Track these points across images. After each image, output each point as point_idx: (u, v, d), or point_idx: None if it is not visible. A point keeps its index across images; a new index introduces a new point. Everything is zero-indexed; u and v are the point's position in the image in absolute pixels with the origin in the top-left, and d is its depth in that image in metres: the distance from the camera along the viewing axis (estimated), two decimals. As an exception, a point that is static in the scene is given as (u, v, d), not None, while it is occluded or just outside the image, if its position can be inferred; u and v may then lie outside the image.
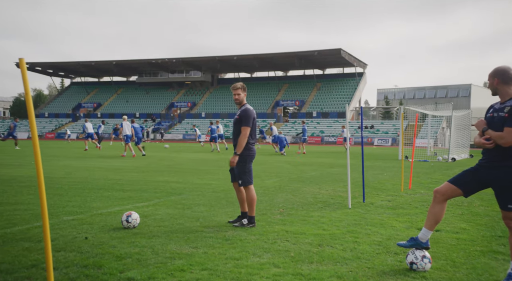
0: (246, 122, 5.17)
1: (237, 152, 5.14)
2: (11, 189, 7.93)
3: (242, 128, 5.16)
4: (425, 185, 9.63)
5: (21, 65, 2.59)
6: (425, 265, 3.61)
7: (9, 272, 3.42)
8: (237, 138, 5.23)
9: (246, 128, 5.16)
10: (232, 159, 5.16)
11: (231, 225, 5.22)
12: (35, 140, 2.67)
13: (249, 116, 5.20)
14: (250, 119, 5.20)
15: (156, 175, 10.90)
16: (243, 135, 5.15)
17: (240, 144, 5.14)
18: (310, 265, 3.73)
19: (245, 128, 5.16)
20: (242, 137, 5.14)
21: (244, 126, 5.16)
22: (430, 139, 25.26)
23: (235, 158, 5.15)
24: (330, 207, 6.58)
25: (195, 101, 62.67)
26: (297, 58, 54.59)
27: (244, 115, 5.20)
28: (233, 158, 5.15)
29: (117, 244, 4.25)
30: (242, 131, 5.16)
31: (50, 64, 65.21)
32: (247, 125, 5.17)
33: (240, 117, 5.23)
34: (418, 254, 3.65)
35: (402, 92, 72.22)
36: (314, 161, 17.33)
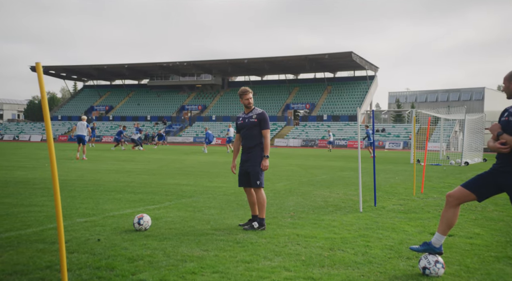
0: (267, 124, 5.34)
1: (267, 154, 5.29)
2: (25, 191, 8.04)
3: (265, 131, 5.32)
4: (438, 189, 9.52)
5: (37, 69, 2.63)
6: (438, 270, 3.57)
7: (24, 273, 3.47)
8: (249, 141, 5.31)
9: (268, 131, 5.35)
10: (264, 163, 5.27)
11: (242, 228, 5.22)
12: (50, 143, 2.72)
13: (268, 119, 5.38)
14: (268, 121, 5.39)
15: (167, 177, 10.97)
16: (267, 138, 5.33)
17: (267, 146, 5.31)
18: (321, 269, 3.71)
19: (268, 130, 5.34)
20: (267, 140, 5.32)
21: (266, 129, 5.33)
22: (442, 143, 24.99)
23: (266, 161, 5.28)
24: (341, 211, 6.55)
25: (205, 104, 62.94)
26: (307, 61, 54.51)
27: (263, 119, 5.33)
28: (265, 162, 5.28)
29: (129, 246, 4.29)
30: (266, 134, 5.32)
31: (63, 67, 66.13)
32: (268, 127, 5.36)
33: (259, 120, 5.33)
34: (431, 259, 3.61)
35: (414, 95, 71.59)
36: (324, 164, 17.26)
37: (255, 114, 5.36)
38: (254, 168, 5.26)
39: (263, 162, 5.26)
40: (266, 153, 5.28)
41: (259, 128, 5.32)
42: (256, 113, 5.36)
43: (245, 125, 5.38)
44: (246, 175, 5.36)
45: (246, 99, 5.38)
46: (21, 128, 63.42)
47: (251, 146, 5.32)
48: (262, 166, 5.26)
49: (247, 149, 5.35)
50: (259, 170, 5.26)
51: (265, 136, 5.31)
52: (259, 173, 5.26)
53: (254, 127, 5.31)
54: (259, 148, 5.31)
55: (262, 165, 5.26)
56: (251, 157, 5.32)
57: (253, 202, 5.39)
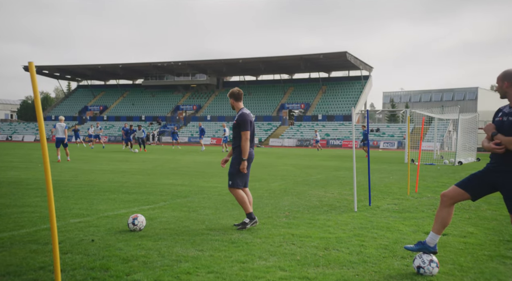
0: (244, 126, 5.24)
1: (244, 157, 5.21)
2: (18, 191, 7.98)
3: (242, 133, 5.24)
4: (432, 188, 9.57)
5: (30, 69, 2.61)
6: (433, 269, 3.59)
7: (17, 274, 3.44)
8: (234, 142, 5.33)
9: (246, 133, 5.24)
10: (242, 166, 5.20)
11: (236, 228, 5.22)
12: (43, 143, 2.69)
13: (246, 121, 5.26)
14: (247, 123, 5.26)
15: (162, 177, 10.93)
16: (245, 140, 5.22)
17: (244, 149, 5.21)
18: (316, 269, 3.72)
19: (245, 132, 5.23)
20: (244, 142, 5.22)
21: (243, 130, 5.23)
22: (436, 142, 25.12)
23: (244, 164, 5.21)
24: (336, 211, 6.56)
25: (200, 104, 62.83)
26: (302, 61, 54.59)
27: (241, 120, 5.27)
28: (243, 165, 5.21)
29: (123, 247, 4.27)
30: (243, 136, 5.23)
31: (57, 67, 65.71)
32: (246, 129, 5.24)
33: (238, 122, 5.30)
34: (425, 258, 3.63)
35: (408, 95, 71.93)
36: (319, 164, 17.29)
37: (238, 115, 5.35)
38: (230, 169, 5.30)
39: (241, 165, 5.21)
40: (242, 155, 5.21)
41: (239, 129, 5.28)
42: (238, 115, 5.35)
43: (232, 127, 5.44)
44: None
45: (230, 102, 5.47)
46: (14, 128, 62.96)
47: (234, 147, 5.35)
48: (240, 169, 5.21)
49: (233, 149, 5.38)
50: (234, 171, 5.25)
51: (243, 138, 5.23)
52: (232, 173, 5.25)
53: (235, 128, 5.31)
54: (238, 150, 5.29)
55: (240, 168, 5.21)
56: (232, 158, 5.37)
57: (249, 200, 5.41)
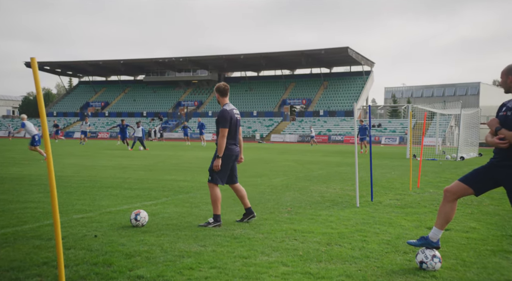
0: (222, 123, 5.15)
1: (219, 154, 5.12)
2: (21, 187, 8.01)
3: (220, 129, 5.15)
4: (434, 184, 9.56)
5: (32, 64, 2.61)
6: (435, 264, 3.59)
7: (20, 269, 3.45)
8: (217, 138, 5.22)
9: (224, 130, 5.14)
10: (216, 163, 5.11)
11: (239, 224, 5.24)
12: (46, 139, 2.69)
13: (225, 117, 5.15)
14: (226, 120, 5.15)
15: (164, 173, 10.94)
16: (221, 137, 5.13)
17: (220, 146, 5.12)
18: (318, 264, 3.72)
19: (222, 129, 5.14)
20: (220, 138, 5.12)
21: (221, 127, 5.14)
22: (438, 138, 25.08)
23: (218, 161, 5.11)
24: (338, 206, 6.57)
25: (201, 100, 62.79)
26: (304, 56, 54.44)
27: (220, 117, 5.17)
28: (217, 162, 5.11)
29: (126, 242, 4.28)
30: (220, 133, 5.14)
31: (58, 63, 65.69)
32: (224, 126, 5.14)
33: (217, 118, 5.22)
34: (428, 253, 3.63)
35: (410, 90, 71.73)
36: (321, 159, 17.29)
37: (219, 111, 5.27)
38: (210, 165, 5.23)
39: (214, 161, 5.14)
40: (218, 152, 5.12)
41: (219, 126, 5.20)
42: (220, 111, 5.26)
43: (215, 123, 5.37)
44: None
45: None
46: (16, 125, 63.06)
47: (216, 143, 5.26)
48: (213, 166, 5.13)
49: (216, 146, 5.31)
50: (210, 167, 5.20)
51: (220, 135, 5.14)
52: (211, 169, 5.19)
53: (216, 125, 5.24)
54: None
55: (213, 165, 5.13)
56: (213, 155, 5.27)
57: (242, 195, 5.40)
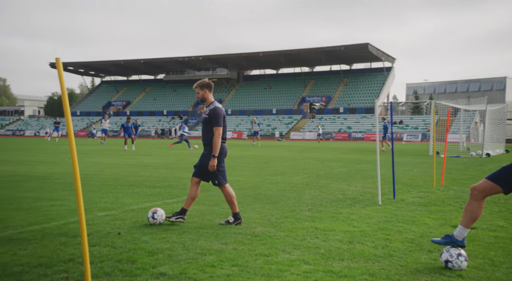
0: (217, 121, 4.97)
1: (215, 154, 4.95)
2: (47, 185, 8.21)
3: (215, 128, 4.97)
4: (459, 181, 9.35)
5: (57, 65, 2.66)
6: (461, 263, 3.51)
7: (48, 265, 3.54)
8: (207, 138, 5.04)
9: (219, 128, 4.97)
10: (211, 163, 4.94)
11: (260, 222, 5.22)
12: (71, 138, 2.75)
13: (220, 115, 5.00)
14: (221, 118, 5.00)
15: (185, 171, 11.04)
16: (217, 136, 4.95)
17: (216, 145, 4.94)
18: (341, 262, 3.69)
19: (217, 128, 4.97)
20: (217, 138, 4.95)
21: (216, 126, 4.97)
22: (462, 134, 24.51)
23: (214, 161, 4.95)
24: (359, 204, 6.49)
25: (221, 98, 63.08)
26: (323, 53, 54.02)
27: (214, 115, 4.99)
28: (213, 162, 4.94)
29: (148, 240, 4.33)
30: (215, 132, 4.96)
31: (81, 63, 67.10)
32: (219, 125, 4.98)
33: (209, 116, 5.01)
34: (453, 252, 3.54)
35: (433, 86, 70.33)
36: (341, 157, 17.13)
37: (209, 109, 5.05)
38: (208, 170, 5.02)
39: (210, 161, 4.95)
40: (213, 152, 4.93)
41: (211, 124, 5.00)
42: (210, 109, 5.04)
43: (201, 121, 5.17)
44: (200, 168, 5.12)
45: (196, 94, 5.15)
46: (42, 124, 64.73)
47: (205, 143, 5.07)
48: (209, 166, 4.95)
49: (204, 146, 5.12)
50: (216, 169, 5.01)
51: (215, 134, 4.94)
52: (215, 172, 5.01)
53: (207, 123, 5.02)
54: (210, 147, 5.00)
55: (209, 165, 4.95)
56: (205, 154, 5.08)
57: (192, 196, 5.12)
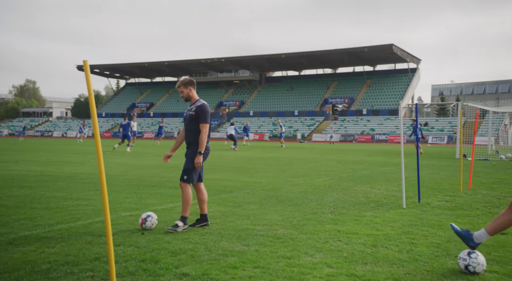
0: (204, 119, 4.90)
1: (201, 151, 4.87)
2: (73, 185, 8.42)
3: (202, 125, 4.89)
4: (487, 185, 9.08)
5: (85, 67, 2.72)
6: (477, 258, 3.42)
7: (75, 264, 3.62)
8: (191, 136, 4.95)
9: (206, 125, 4.90)
10: (197, 160, 4.85)
11: (281, 224, 5.20)
12: (97, 139, 2.81)
13: (207, 112, 4.93)
14: (208, 115, 4.94)
15: (206, 173, 11.12)
16: (204, 133, 4.88)
17: (202, 142, 4.86)
18: (364, 266, 3.63)
19: (205, 125, 4.90)
20: (204, 135, 4.88)
21: (203, 123, 4.90)
22: (491, 137, 23.80)
23: (199, 158, 4.85)
24: (383, 207, 6.39)
25: (243, 100, 63.29)
26: (346, 54, 53.51)
27: (201, 112, 4.91)
28: (198, 159, 4.85)
29: (171, 240, 4.38)
30: (203, 129, 4.89)
31: (107, 66, 68.59)
32: (206, 122, 4.91)
33: (197, 113, 4.91)
34: (463, 255, 3.48)
35: (459, 87, 68.66)
36: (365, 159, 16.90)
37: (195, 106, 4.97)
38: (187, 164, 4.93)
39: (196, 158, 4.85)
40: (199, 148, 4.85)
41: (197, 121, 4.92)
42: (196, 106, 4.96)
43: (185, 119, 5.04)
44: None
45: (180, 93, 5.02)
46: (69, 125, 66.47)
47: (189, 141, 4.96)
48: (194, 163, 4.85)
49: (187, 144, 5.00)
50: (191, 167, 4.90)
51: (201, 130, 4.87)
52: (190, 168, 4.90)
53: (193, 120, 4.93)
54: (197, 145, 4.92)
55: (194, 162, 4.85)
56: (188, 153, 4.97)
57: (202, 199, 5.06)
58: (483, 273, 3.44)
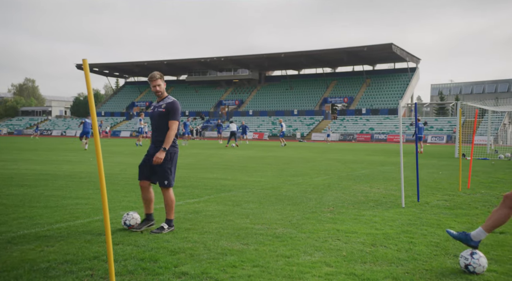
0: (175, 115, 4.80)
1: (166, 147, 4.71)
2: (72, 184, 8.41)
3: (172, 122, 4.77)
4: (486, 184, 9.09)
5: (84, 66, 2.72)
6: (479, 259, 3.41)
7: (74, 262, 3.62)
8: (161, 134, 4.80)
9: (176, 123, 4.80)
10: (159, 155, 4.67)
11: (281, 223, 5.20)
12: (96, 138, 2.80)
13: (178, 109, 4.85)
14: (179, 112, 4.84)
15: (206, 172, 11.12)
16: (174, 130, 4.77)
17: (169, 139, 4.74)
18: (363, 265, 3.63)
19: (175, 122, 4.79)
20: (173, 132, 4.77)
21: (173, 120, 4.78)
22: (490, 136, 23.83)
23: (162, 154, 4.69)
24: (382, 206, 6.39)
25: (242, 99, 63.28)
26: (345, 54, 53.51)
27: (172, 108, 4.80)
28: (160, 154, 4.68)
29: (170, 239, 4.38)
30: (172, 125, 4.77)
31: (106, 65, 68.53)
32: (176, 119, 4.81)
33: (167, 110, 4.79)
34: (465, 254, 3.48)
35: (459, 87, 68.72)
36: (363, 159, 16.91)
37: (165, 103, 4.85)
38: (164, 165, 4.75)
39: (157, 153, 4.68)
40: (165, 144, 4.70)
41: (167, 118, 4.79)
42: (166, 103, 4.84)
43: (153, 116, 4.88)
44: (151, 169, 4.85)
45: (154, 86, 4.84)
46: (68, 124, 66.41)
47: (159, 139, 4.80)
48: (155, 158, 4.68)
49: (157, 142, 4.83)
50: (169, 168, 4.78)
51: (170, 127, 4.75)
52: (167, 171, 4.77)
53: (163, 117, 4.80)
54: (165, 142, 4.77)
55: (155, 157, 4.67)
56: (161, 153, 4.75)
57: (150, 199, 4.90)
58: (475, 270, 3.44)
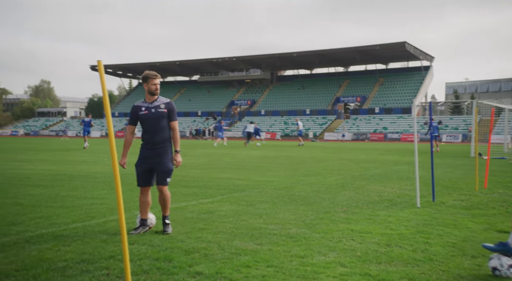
0: (175, 116, 4.79)
1: (178, 149, 4.78)
2: (88, 184, 8.52)
3: (175, 123, 4.76)
4: (504, 184, 8.93)
5: (99, 67, 2.75)
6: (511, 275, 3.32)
7: (90, 262, 3.67)
8: (161, 134, 4.69)
9: (177, 122, 4.81)
10: (178, 158, 4.72)
11: (294, 223, 5.18)
12: (111, 138, 2.83)
13: (176, 109, 4.84)
14: (176, 112, 4.87)
15: (219, 172, 11.15)
16: (178, 131, 4.79)
17: (178, 140, 4.79)
18: (378, 266, 3.60)
19: (177, 122, 4.80)
20: (178, 133, 4.80)
21: (176, 120, 4.78)
22: (507, 135, 23.38)
23: (180, 157, 4.75)
24: (397, 206, 6.33)
25: (254, 99, 63.28)
26: (358, 53, 53.11)
27: (173, 108, 4.75)
28: (179, 158, 4.74)
29: (184, 239, 4.40)
30: (176, 126, 4.78)
31: (119, 66, 69.22)
32: (177, 119, 4.82)
33: (168, 111, 4.71)
34: (504, 262, 3.34)
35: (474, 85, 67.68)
36: (377, 158, 16.77)
37: (163, 103, 4.72)
38: (167, 165, 4.70)
39: (176, 157, 4.72)
40: (177, 147, 4.75)
41: (168, 119, 4.72)
42: (164, 103, 4.73)
43: (150, 116, 4.67)
44: (151, 173, 4.76)
45: (154, 84, 4.68)
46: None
47: (159, 141, 4.67)
48: (176, 162, 4.72)
49: (154, 144, 4.68)
50: (171, 167, 4.74)
51: (175, 129, 4.75)
52: (170, 170, 4.74)
53: (163, 118, 4.68)
54: (168, 143, 4.75)
55: (176, 161, 4.72)
56: (160, 153, 4.69)
57: (148, 203, 4.84)
58: (502, 275, 3.37)
